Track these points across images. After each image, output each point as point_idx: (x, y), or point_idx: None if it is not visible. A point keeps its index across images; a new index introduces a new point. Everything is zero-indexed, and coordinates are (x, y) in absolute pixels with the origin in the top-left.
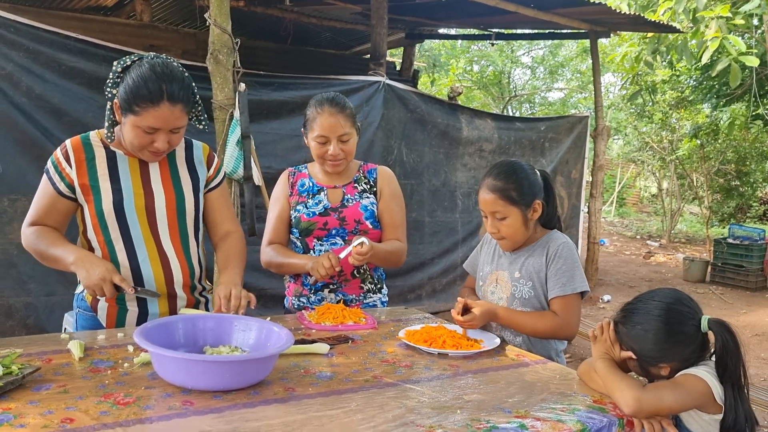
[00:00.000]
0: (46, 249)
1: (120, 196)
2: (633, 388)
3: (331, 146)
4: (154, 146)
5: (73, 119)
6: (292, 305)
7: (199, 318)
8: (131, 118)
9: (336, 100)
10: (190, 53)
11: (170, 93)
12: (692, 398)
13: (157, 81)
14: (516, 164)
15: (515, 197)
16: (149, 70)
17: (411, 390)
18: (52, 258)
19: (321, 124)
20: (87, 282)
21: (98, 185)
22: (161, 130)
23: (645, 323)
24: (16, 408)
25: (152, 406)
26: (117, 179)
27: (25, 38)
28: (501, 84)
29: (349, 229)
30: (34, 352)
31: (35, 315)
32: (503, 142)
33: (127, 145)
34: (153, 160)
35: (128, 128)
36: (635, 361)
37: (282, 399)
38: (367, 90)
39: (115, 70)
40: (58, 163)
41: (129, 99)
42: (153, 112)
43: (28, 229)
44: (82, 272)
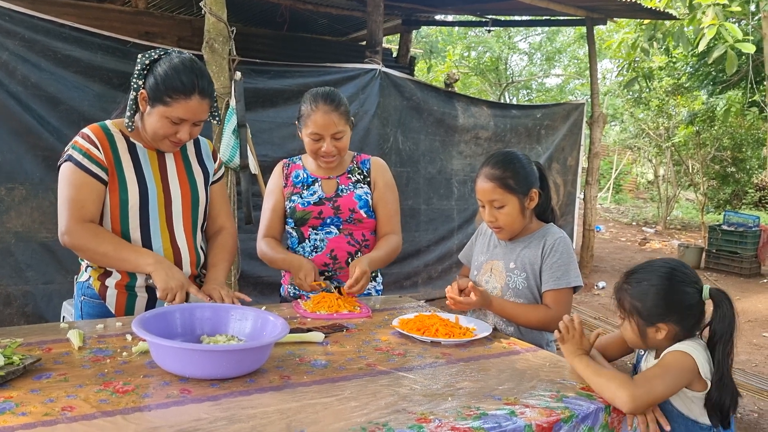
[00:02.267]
0: (113, 250)
1: (145, 189)
2: (624, 386)
3: (325, 144)
4: (177, 137)
5: (69, 108)
6: (288, 294)
7: (196, 308)
8: (160, 108)
9: (331, 97)
10: (186, 40)
11: (201, 87)
12: (681, 378)
13: (191, 74)
14: (512, 153)
15: (513, 185)
16: (181, 63)
17: (404, 378)
18: (119, 258)
19: (315, 121)
20: (165, 285)
21: (124, 175)
22: (187, 122)
23: (651, 278)
24: (18, 396)
25: (150, 394)
26: (141, 171)
27: (21, 27)
28: (498, 70)
29: (344, 218)
30: (34, 342)
31: (33, 303)
32: (499, 129)
33: (149, 135)
34: (171, 150)
35: (155, 118)
36: (635, 323)
37: (277, 387)
38: (363, 77)
39: (142, 62)
40: (85, 150)
41: (161, 90)
42: (184, 104)
43: (79, 227)
44: (162, 275)
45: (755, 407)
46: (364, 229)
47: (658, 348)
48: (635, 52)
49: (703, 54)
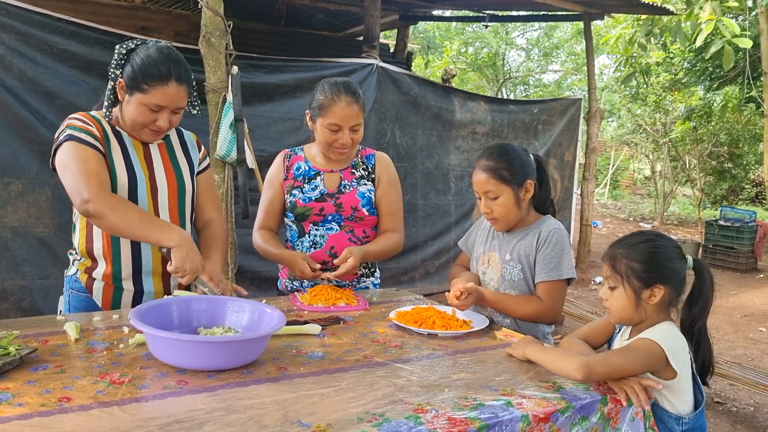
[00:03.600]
0: (139, 220)
1: (134, 176)
2: (577, 355)
3: (344, 135)
4: (157, 125)
5: (66, 102)
6: (286, 287)
7: (193, 300)
8: (138, 96)
9: (352, 89)
10: (183, 35)
11: (177, 74)
12: (645, 360)
13: (166, 62)
14: (508, 146)
15: (507, 176)
16: (157, 51)
17: (401, 369)
18: (144, 229)
19: (336, 112)
20: (182, 264)
21: (113, 159)
22: (165, 109)
23: (646, 241)
24: (15, 387)
25: (147, 385)
26: (128, 158)
27: (17, 21)
28: (495, 66)
29: (346, 216)
30: (30, 334)
31: (30, 298)
32: (496, 124)
33: (128, 124)
34: (152, 139)
35: (133, 106)
36: (630, 287)
37: (274, 378)
38: (361, 72)
39: (119, 52)
40: (82, 127)
41: (138, 77)
42: (161, 90)
43: (105, 194)
44: (182, 253)
45: (751, 401)
46: (366, 226)
47: (644, 321)
48: (632, 47)
49: (700, 49)
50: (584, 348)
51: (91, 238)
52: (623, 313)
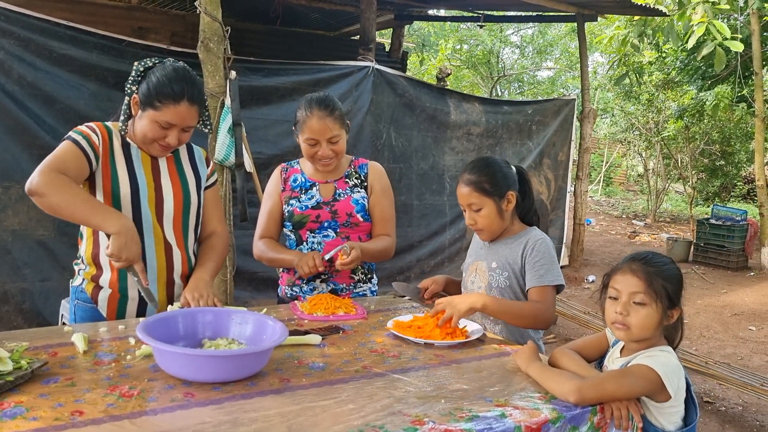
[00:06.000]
0: (82, 202)
1: (137, 186)
2: (572, 378)
3: (322, 148)
4: (166, 141)
5: (65, 106)
6: (285, 294)
7: (198, 312)
8: (150, 112)
9: (325, 103)
10: (179, 35)
11: (190, 94)
12: (638, 386)
13: (180, 82)
14: (489, 159)
15: (488, 189)
16: (173, 71)
17: (399, 380)
18: (85, 211)
19: (310, 127)
20: (118, 251)
21: (116, 171)
22: (176, 127)
23: (670, 263)
24: (28, 401)
25: (156, 398)
26: (132, 169)
27: (16, 26)
28: (490, 63)
29: (341, 222)
30: (39, 346)
31: (30, 300)
32: (491, 125)
33: (139, 138)
34: (161, 154)
35: (145, 122)
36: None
37: (278, 390)
38: (357, 75)
39: (137, 69)
40: (84, 133)
41: (152, 95)
42: (173, 109)
43: (53, 174)
44: (120, 241)
45: (740, 400)
46: (361, 233)
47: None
48: (625, 47)
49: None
50: (577, 360)
51: (97, 245)
52: (647, 331)
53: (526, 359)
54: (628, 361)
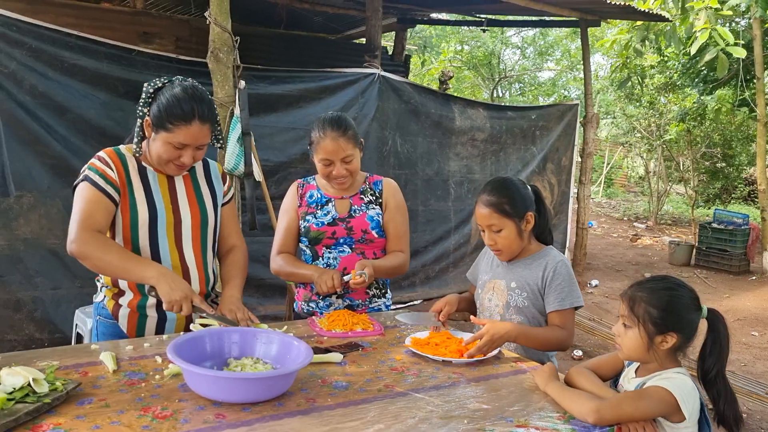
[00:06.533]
0: (119, 260)
1: (154, 210)
2: (592, 399)
3: (336, 168)
4: (180, 161)
5: (76, 116)
6: (302, 309)
7: (224, 332)
8: (163, 134)
9: (338, 123)
10: (184, 40)
11: (201, 113)
12: (656, 407)
13: (190, 101)
14: (508, 180)
15: (508, 210)
16: (182, 91)
17: (420, 399)
18: (123, 269)
19: (324, 147)
20: (169, 297)
21: (134, 197)
22: (189, 146)
23: (667, 288)
24: (66, 423)
25: (188, 419)
26: (150, 194)
27: (28, 36)
28: (491, 65)
29: (356, 238)
30: (69, 365)
31: (42, 308)
32: (495, 131)
33: (154, 160)
34: (177, 173)
35: (159, 144)
36: (644, 331)
37: (305, 411)
38: (363, 82)
39: (146, 91)
40: (100, 169)
41: (163, 117)
42: (185, 130)
43: (87, 235)
44: (165, 287)
45: (744, 407)
46: (375, 248)
47: (653, 361)
48: (628, 51)
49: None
50: (594, 380)
51: None
52: (634, 352)
53: (545, 378)
54: (644, 382)
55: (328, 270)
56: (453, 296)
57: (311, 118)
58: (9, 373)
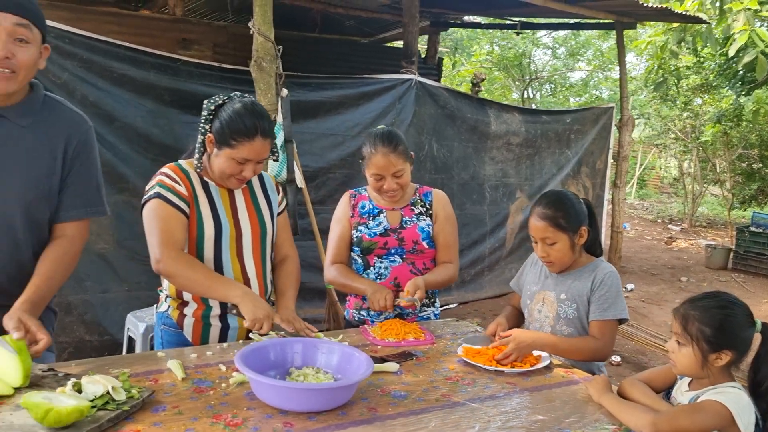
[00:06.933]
0: (204, 278)
1: (219, 225)
2: (647, 412)
3: (387, 182)
4: (242, 175)
5: (124, 124)
6: (353, 317)
7: (288, 342)
8: (226, 150)
9: (389, 139)
10: (221, 46)
11: (262, 129)
12: (711, 421)
13: (252, 117)
14: (563, 194)
15: (563, 224)
16: (243, 108)
17: (477, 409)
18: (209, 287)
19: (375, 163)
20: (253, 315)
21: (201, 212)
22: (251, 161)
23: (719, 306)
24: (144, 430)
25: (259, 427)
26: (215, 208)
27: (79, 48)
28: (522, 65)
29: (407, 249)
30: (140, 372)
31: (92, 311)
32: (530, 135)
33: (216, 174)
34: (237, 187)
35: (222, 159)
36: (698, 349)
37: (368, 420)
38: (400, 87)
39: (207, 108)
40: (169, 186)
41: (225, 133)
42: (248, 146)
43: (173, 253)
44: (249, 306)
45: None
46: (425, 258)
47: (707, 377)
48: (664, 53)
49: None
50: (648, 393)
51: None
52: (688, 369)
53: (599, 390)
54: (698, 395)
55: (382, 288)
56: (502, 317)
57: (349, 124)
58: (89, 382)
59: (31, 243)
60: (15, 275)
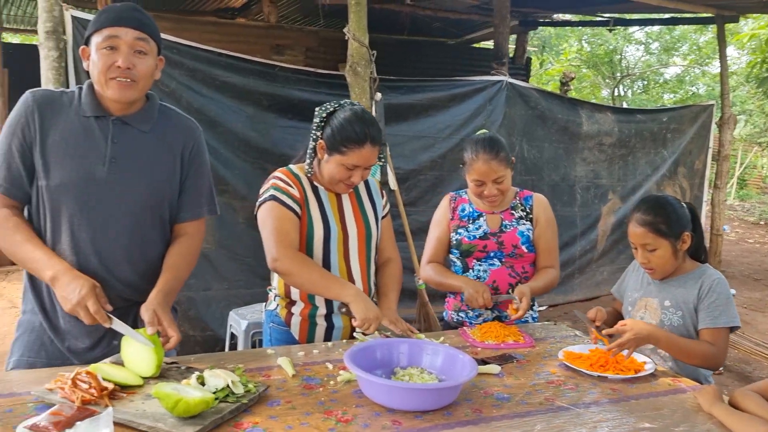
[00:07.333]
0: (320, 278)
1: (328, 228)
2: (762, 424)
3: (488, 188)
4: (350, 180)
5: (226, 129)
6: (452, 318)
7: (394, 342)
8: (337, 156)
9: (491, 146)
10: (313, 50)
11: (372, 136)
12: None
13: (362, 125)
14: (664, 199)
15: (664, 230)
16: (353, 115)
17: (582, 414)
18: (325, 286)
19: (477, 169)
20: (364, 315)
21: (311, 214)
22: (359, 167)
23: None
24: (262, 422)
25: (368, 424)
26: (324, 211)
27: (186, 57)
28: (612, 62)
29: (507, 252)
30: (253, 368)
31: (195, 308)
32: (623, 135)
33: (326, 179)
34: (345, 191)
35: (332, 165)
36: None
37: (474, 421)
38: (491, 89)
39: (320, 115)
40: (283, 188)
41: (337, 140)
42: (358, 152)
43: (290, 253)
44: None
45: None
46: (525, 262)
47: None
48: None
49: None
50: (763, 404)
51: None
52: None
53: (710, 399)
54: None
55: (479, 284)
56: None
57: (440, 126)
58: (211, 375)
59: (158, 242)
60: (145, 272)
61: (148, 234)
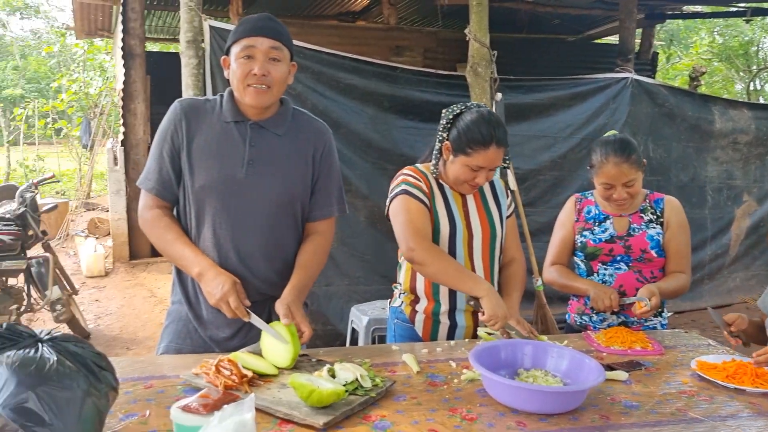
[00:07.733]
0: (454, 270)
1: (454, 225)
2: None
3: (617, 191)
4: (475, 181)
5: (348, 131)
6: (575, 322)
7: (519, 343)
8: (462, 158)
9: (622, 149)
10: (431, 51)
11: (497, 138)
12: None
13: (488, 127)
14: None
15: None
16: (479, 116)
17: (718, 428)
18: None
19: (606, 172)
20: (494, 312)
21: (437, 212)
22: (484, 168)
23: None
24: (389, 416)
25: (493, 424)
26: (450, 209)
27: (311, 61)
28: (748, 54)
29: (634, 257)
30: (379, 363)
31: (317, 302)
32: (762, 132)
33: (451, 180)
34: (470, 192)
35: (457, 166)
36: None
37: (600, 427)
38: (614, 87)
39: (446, 116)
40: (413, 183)
41: (462, 141)
42: (483, 154)
43: (426, 244)
44: (492, 302)
45: None
46: (654, 267)
47: None
48: None
49: None
50: None
51: (414, 278)
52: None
53: None
54: None
55: (605, 287)
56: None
57: (561, 126)
58: (341, 369)
59: (291, 240)
60: (280, 269)
61: (282, 232)
